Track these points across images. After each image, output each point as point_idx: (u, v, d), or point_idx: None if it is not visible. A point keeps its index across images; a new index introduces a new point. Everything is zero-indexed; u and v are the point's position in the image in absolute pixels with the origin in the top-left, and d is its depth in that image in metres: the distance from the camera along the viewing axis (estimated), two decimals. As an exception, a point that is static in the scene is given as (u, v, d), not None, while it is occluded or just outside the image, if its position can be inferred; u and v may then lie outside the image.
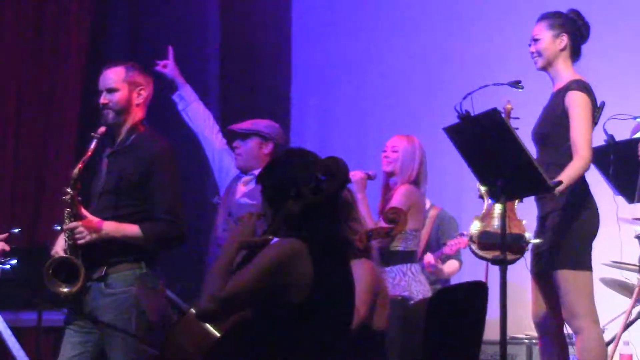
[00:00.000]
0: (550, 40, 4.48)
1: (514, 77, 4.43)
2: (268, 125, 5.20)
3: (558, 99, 4.46)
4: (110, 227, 3.98)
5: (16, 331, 4.88)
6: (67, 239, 3.99)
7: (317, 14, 7.66)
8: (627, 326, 5.13)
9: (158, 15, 7.06)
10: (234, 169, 5.27)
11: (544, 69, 4.53)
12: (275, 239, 3.03)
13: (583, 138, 4.33)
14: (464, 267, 6.10)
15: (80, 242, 3.94)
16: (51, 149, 6.46)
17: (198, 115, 5.45)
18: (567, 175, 4.26)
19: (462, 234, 5.82)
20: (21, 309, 5.29)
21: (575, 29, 4.51)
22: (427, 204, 6.01)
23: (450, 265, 5.98)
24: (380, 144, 5.53)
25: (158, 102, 4.42)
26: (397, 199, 5.05)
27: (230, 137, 5.36)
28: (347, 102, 7.52)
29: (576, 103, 4.38)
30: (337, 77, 7.57)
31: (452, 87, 6.01)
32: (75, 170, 3.97)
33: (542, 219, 4.50)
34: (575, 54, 4.54)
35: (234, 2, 7.34)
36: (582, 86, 4.42)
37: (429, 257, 5.75)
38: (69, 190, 3.95)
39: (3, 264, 4.95)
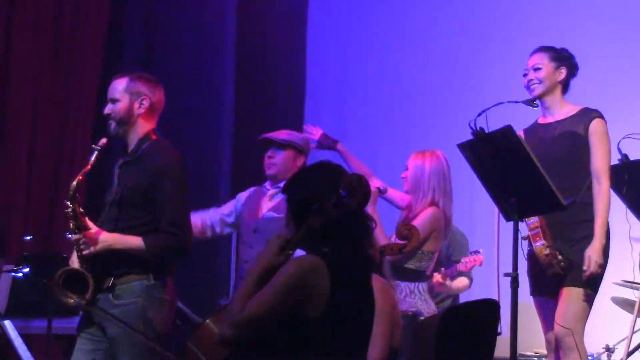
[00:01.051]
0: (552, 71, 4.62)
1: (528, 95, 4.46)
2: (303, 138, 5.21)
3: (573, 125, 4.53)
4: (114, 239, 3.96)
5: (27, 338, 4.91)
6: (76, 251, 4.00)
7: (332, 31, 7.67)
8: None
9: (173, 24, 7.08)
10: (222, 214, 5.15)
11: (540, 97, 4.61)
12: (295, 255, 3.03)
13: (606, 167, 4.49)
14: (475, 284, 6.08)
15: (84, 253, 3.95)
16: (66, 158, 6.49)
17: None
18: (602, 218, 4.43)
19: (476, 252, 5.78)
20: (32, 316, 5.30)
21: (570, 65, 4.67)
22: None
23: (460, 282, 5.95)
24: (391, 161, 5.52)
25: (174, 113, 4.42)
26: (421, 221, 5.01)
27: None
28: (359, 118, 7.53)
29: (602, 132, 4.53)
30: (350, 93, 7.59)
31: (466, 103, 6.02)
32: (74, 183, 3.94)
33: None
34: (566, 87, 4.68)
35: (250, 17, 7.36)
36: (602, 115, 4.55)
37: (437, 277, 5.71)
38: (68, 203, 3.94)
39: (16, 272, 4.97)
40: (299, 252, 3.08)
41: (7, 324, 4.86)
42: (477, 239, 6.09)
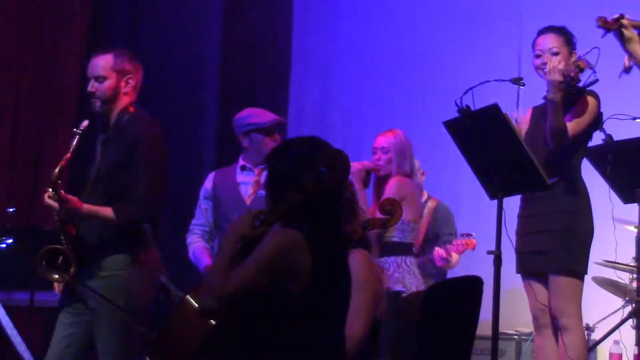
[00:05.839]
0: (568, 56, 4.55)
1: (515, 74, 4.46)
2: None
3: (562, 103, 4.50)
4: (87, 210, 3.96)
5: (9, 310, 4.90)
6: (59, 230, 3.99)
7: (317, 13, 7.66)
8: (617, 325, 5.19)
9: (158, 13, 7.05)
10: (202, 229, 5.13)
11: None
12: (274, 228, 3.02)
13: (571, 127, 4.44)
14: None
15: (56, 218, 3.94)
16: (49, 129, 6.46)
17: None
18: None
19: (469, 235, 5.74)
20: (14, 289, 5.29)
21: (574, 46, 4.62)
22: (424, 196, 6.00)
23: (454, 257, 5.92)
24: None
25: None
26: (390, 190, 5.04)
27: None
28: (345, 96, 7.52)
29: (584, 105, 4.49)
30: (336, 71, 7.58)
31: (453, 81, 6.02)
32: (56, 171, 3.92)
33: (530, 218, 4.54)
34: None
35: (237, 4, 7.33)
36: (595, 94, 4.53)
37: (440, 251, 5.69)
38: (50, 191, 3.91)
39: (-1, 243, 4.97)
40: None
41: (-10, 295, 4.86)
42: (462, 217, 6.10)
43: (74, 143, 3.98)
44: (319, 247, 2.96)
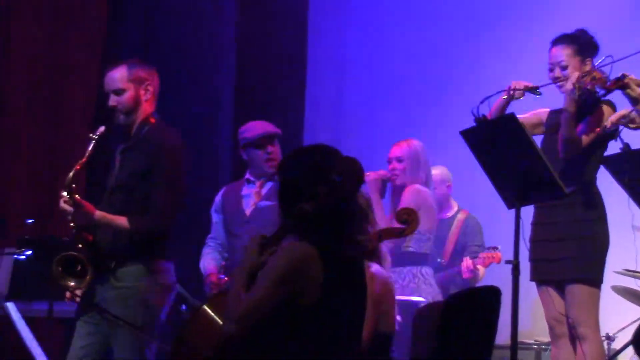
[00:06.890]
0: (579, 66, 4.51)
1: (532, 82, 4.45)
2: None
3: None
4: (100, 217, 3.98)
5: (28, 321, 4.92)
6: (75, 237, 4.00)
7: (332, 18, 7.66)
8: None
9: (172, 21, 7.07)
10: (215, 243, 5.22)
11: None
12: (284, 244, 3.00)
13: (590, 139, 4.44)
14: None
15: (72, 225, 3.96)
16: (65, 140, 6.49)
17: None
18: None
19: (495, 248, 5.71)
20: (34, 299, 5.31)
21: (594, 52, 4.56)
22: (454, 207, 5.99)
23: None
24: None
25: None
26: (406, 200, 5.04)
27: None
28: (360, 105, 7.52)
29: (601, 115, 4.47)
30: (351, 79, 7.58)
31: (469, 90, 6.01)
32: (70, 175, 3.95)
33: (545, 225, 4.53)
34: None
35: (251, 10, 7.34)
36: (612, 104, 4.51)
37: (467, 261, 5.67)
38: (65, 194, 3.93)
39: (18, 254, 4.98)
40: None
41: (10, 305, 4.88)
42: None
43: (90, 148, 4.01)
44: (331, 259, 2.95)
